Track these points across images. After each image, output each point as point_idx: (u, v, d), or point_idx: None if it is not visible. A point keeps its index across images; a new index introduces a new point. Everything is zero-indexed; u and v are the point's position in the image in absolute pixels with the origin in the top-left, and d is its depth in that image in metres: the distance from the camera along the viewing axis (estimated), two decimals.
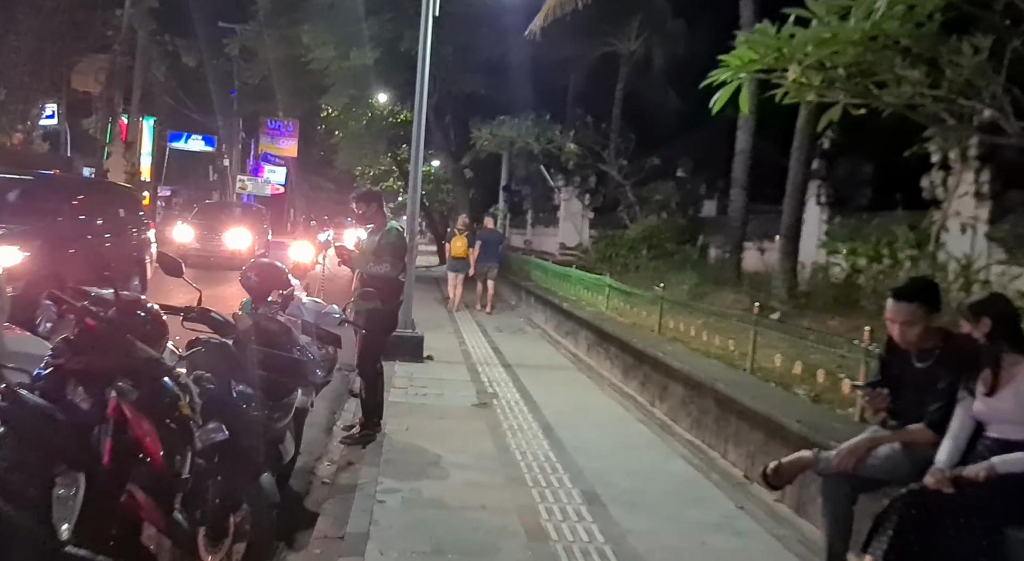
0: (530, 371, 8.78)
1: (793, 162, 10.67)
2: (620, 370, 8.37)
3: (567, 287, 13.06)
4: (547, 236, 21.69)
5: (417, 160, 9.03)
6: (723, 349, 6.73)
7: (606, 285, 10.60)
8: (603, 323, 9.23)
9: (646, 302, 8.99)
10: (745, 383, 5.54)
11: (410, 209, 8.92)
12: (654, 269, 15.32)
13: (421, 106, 9.06)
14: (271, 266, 4.82)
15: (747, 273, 13.56)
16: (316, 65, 18.31)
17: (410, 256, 8.84)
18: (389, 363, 8.55)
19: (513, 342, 11.13)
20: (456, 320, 13.37)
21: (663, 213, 17.74)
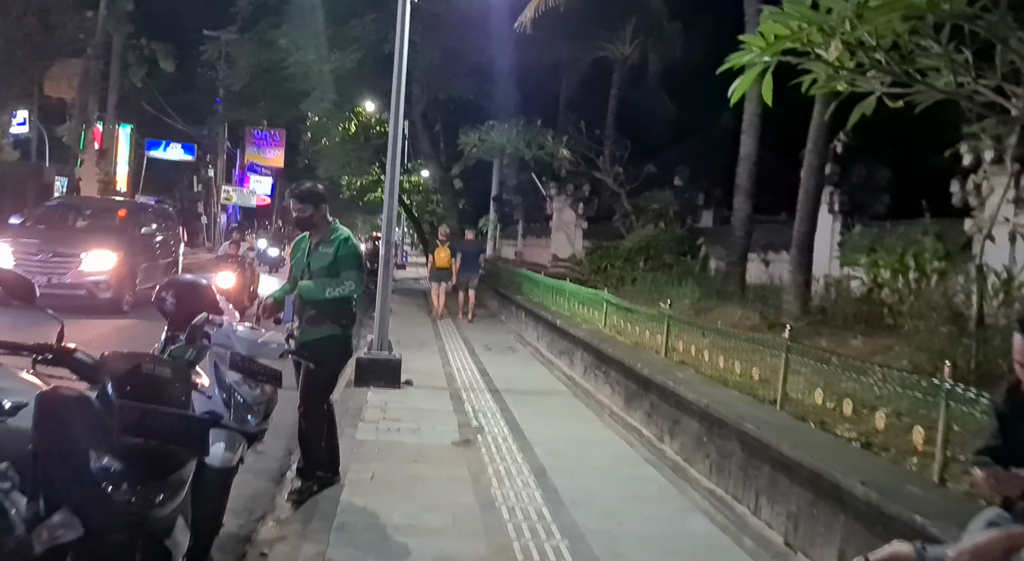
0: (520, 398, 7.84)
1: (806, 166, 9.82)
2: (622, 397, 7.45)
3: (561, 302, 12.16)
4: (539, 247, 20.81)
5: (394, 165, 8.13)
6: (745, 377, 5.82)
7: (604, 301, 9.69)
8: (601, 343, 8.31)
9: (649, 320, 8.08)
10: (777, 423, 4.62)
11: (386, 217, 8.01)
12: (652, 282, 14.48)
13: (398, 106, 8.17)
14: (194, 284, 3.89)
15: (751, 286, 12.71)
16: (295, 69, 17.41)
17: (385, 269, 7.93)
18: (362, 390, 7.64)
19: (502, 363, 10.20)
20: (441, 337, 12.44)
21: (660, 223, 16.90)
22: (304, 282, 4.63)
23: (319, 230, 4.71)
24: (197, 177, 39.42)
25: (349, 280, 4.58)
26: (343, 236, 4.71)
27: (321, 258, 4.62)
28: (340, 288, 4.55)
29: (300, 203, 4.70)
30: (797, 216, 10.00)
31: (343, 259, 4.62)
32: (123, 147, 24.48)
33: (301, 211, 4.69)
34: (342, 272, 4.59)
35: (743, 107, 12.50)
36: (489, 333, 13.48)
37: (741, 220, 12.25)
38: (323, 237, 4.68)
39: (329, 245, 4.64)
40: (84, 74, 22.81)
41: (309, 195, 4.74)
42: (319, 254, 4.64)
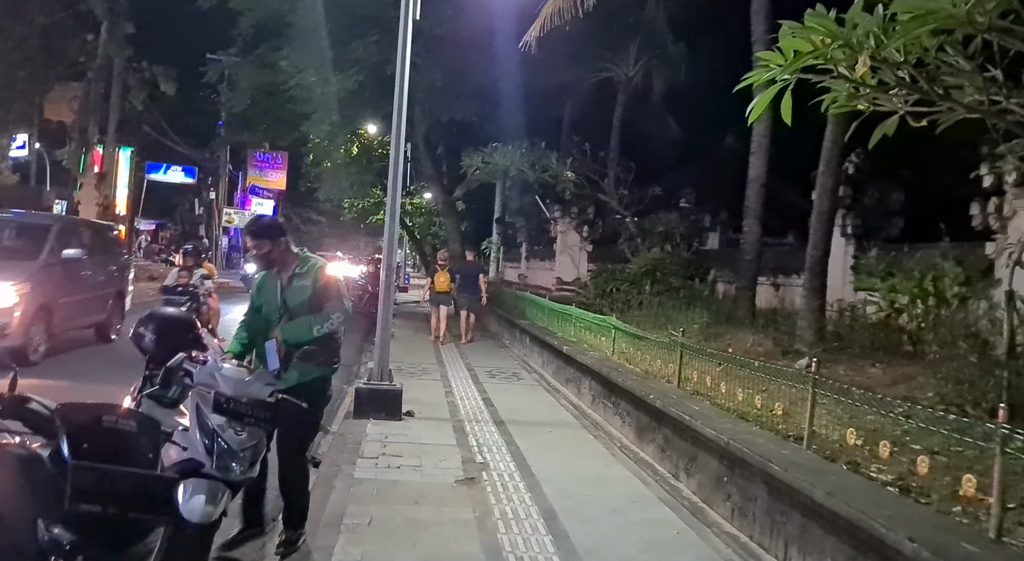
0: (527, 430, 7.51)
1: (819, 188, 9.55)
2: (633, 430, 7.12)
3: (567, 327, 11.84)
4: (543, 270, 20.53)
5: (396, 188, 7.86)
6: (765, 411, 5.49)
7: (611, 327, 9.38)
8: (610, 372, 7.99)
9: (660, 348, 7.76)
10: (806, 464, 4.29)
11: (387, 239, 7.72)
12: (659, 306, 14.20)
13: (400, 127, 7.91)
14: (176, 319, 3.61)
15: (762, 311, 12.40)
16: (296, 91, 17.26)
17: (386, 294, 7.64)
18: (361, 422, 7.32)
19: (507, 391, 9.87)
20: (444, 363, 12.12)
21: (666, 245, 16.63)
22: (287, 324, 4.16)
23: (286, 264, 4.27)
24: (199, 200, 39.31)
25: (336, 312, 4.21)
26: (318, 264, 4.32)
27: (299, 293, 4.21)
28: (328, 322, 4.17)
29: (256, 240, 4.22)
30: (810, 239, 9.71)
31: (324, 289, 4.23)
32: (123, 170, 24.32)
33: (258, 248, 4.22)
34: (326, 304, 4.20)
35: (751, 128, 12.31)
36: (493, 359, 13.16)
37: (751, 243, 11.97)
38: (294, 270, 4.25)
39: (305, 277, 4.24)
40: (84, 97, 22.72)
41: (266, 229, 4.27)
42: (295, 289, 4.22)
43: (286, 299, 4.24)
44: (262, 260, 4.30)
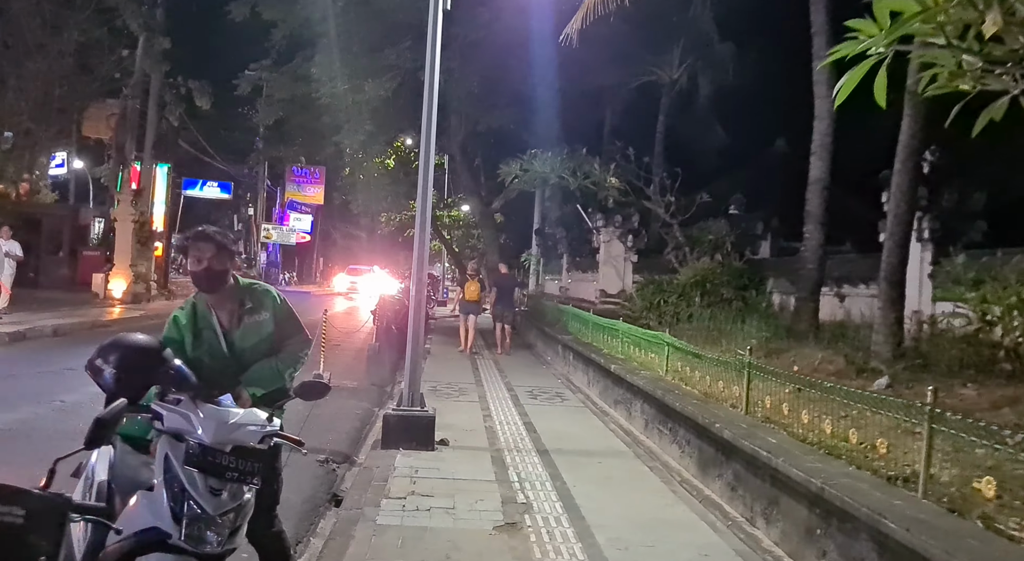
0: (574, 460, 6.72)
1: (894, 188, 8.62)
2: (695, 462, 6.28)
3: (613, 343, 11.03)
4: (585, 282, 19.72)
5: (425, 197, 7.17)
6: (860, 447, 4.63)
7: (665, 344, 8.55)
8: (665, 394, 7.15)
9: (723, 368, 6.90)
10: (931, 522, 3.43)
11: (417, 251, 7.02)
12: (710, 319, 13.33)
13: (430, 126, 7.23)
14: (144, 348, 2.92)
15: (825, 323, 11.44)
16: (328, 99, 16.81)
17: (416, 313, 6.94)
18: (390, 453, 6.60)
19: (550, 414, 9.08)
20: (482, 382, 11.39)
21: (716, 255, 15.71)
22: (251, 375, 3.23)
23: (226, 293, 3.29)
24: (237, 216, 39.35)
25: (303, 350, 3.44)
26: (272, 291, 3.44)
27: (254, 331, 3.29)
28: (299, 363, 3.40)
29: (216, 249, 3.20)
30: (885, 245, 8.77)
31: (286, 322, 3.39)
32: (160, 187, 24.17)
33: (215, 261, 3.19)
34: (288, 340, 3.38)
35: (810, 127, 11.41)
36: (534, 377, 12.40)
37: (813, 250, 11.04)
38: (242, 303, 3.31)
39: (259, 311, 3.32)
40: (121, 114, 22.61)
41: (218, 235, 3.27)
42: (248, 327, 3.29)
43: (234, 341, 3.28)
44: (203, 276, 3.20)
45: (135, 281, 21.38)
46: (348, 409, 9.24)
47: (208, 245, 3.21)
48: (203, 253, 3.20)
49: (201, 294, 3.32)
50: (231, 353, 3.27)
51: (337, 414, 8.87)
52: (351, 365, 13.01)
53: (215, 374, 3.17)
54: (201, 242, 3.22)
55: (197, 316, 3.28)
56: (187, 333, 3.25)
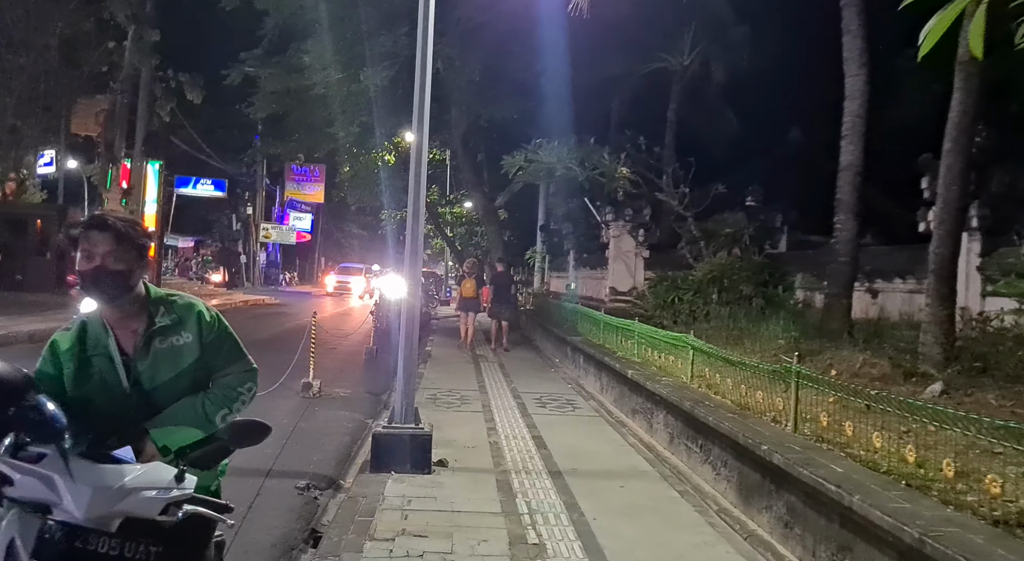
0: (592, 484, 5.84)
1: (944, 171, 7.72)
2: (734, 488, 5.39)
3: (627, 345, 10.15)
4: (593, 279, 18.82)
5: (419, 182, 6.30)
6: (964, 484, 3.74)
7: (689, 347, 7.65)
8: (695, 406, 6.26)
9: (762, 376, 6.00)
10: None
11: (409, 246, 6.14)
12: (729, 317, 12.49)
13: (424, 102, 6.37)
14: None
15: (857, 321, 10.56)
16: (321, 89, 15.92)
17: (409, 317, 6.07)
18: (379, 478, 5.73)
19: (561, 426, 8.20)
20: (486, 388, 10.51)
21: (734, 249, 14.81)
22: (164, 418, 2.27)
23: (131, 307, 2.33)
24: (236, 215, 38.52)
25: (244, 382, 2.45)
26: (198, 305, 2.45)
27: (171, 358, 2.34)
28: (237, 402, 2.40)
29: (114, 242, 2.24)
30: (934, 234, 7.88)
31: (220, 347, 2.43)
32: (151, 185, 23.34)
33: (112, 258, 2.24)
34: (223, 371, 2.43)
35: (840, 107, 10.52)
36: (542, 381, 11.52)
37: (845, 242, 10.14)
38: (150, 319, 2.34)
39: (179, 332, 2.37)
40: (110, 110, 21.79)
41: (133, 230, 2.31)
42: (165, 351, 2.34)
43: (140, 374, 2.32)
44: (92, 279, 2.23)
45: None
46: (338, 421, 8.39)
47: (104, 235, 2.24)
48: (96, 246, 2.24)
49: (95, 311, 2.37)
50: (135, 390, 2.31)
51: (325, 428, 8.02)
52: (345, 370, 12.15)
53: (110, 419, 2.23)
54: (94, 231, 2.26)
55: (87, 339, 2.34)
56: (68, 363, 2.31)
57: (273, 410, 8.58)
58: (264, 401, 8.85)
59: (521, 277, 31.63)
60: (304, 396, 9.51)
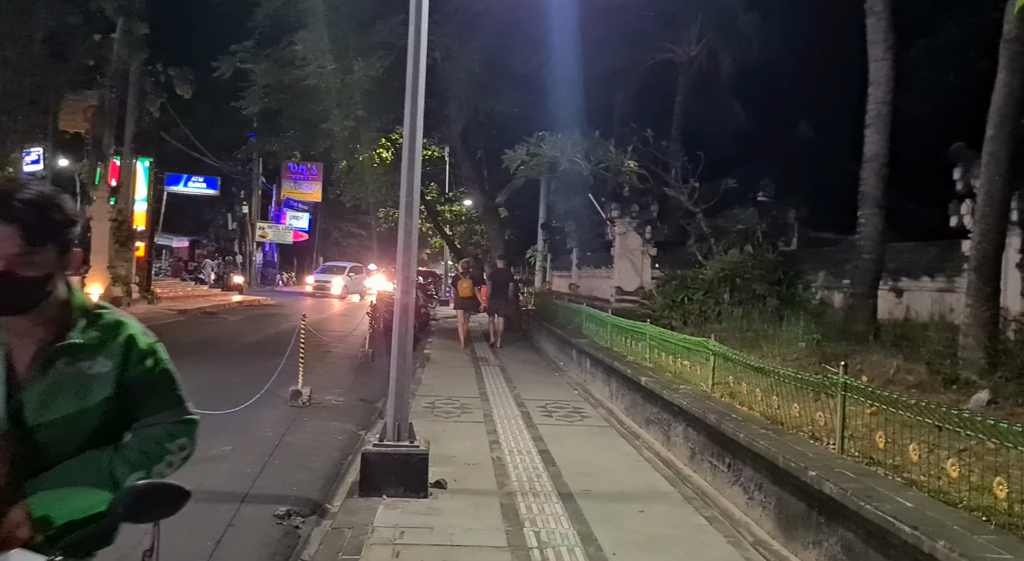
0: (608, 509, 5.21)
1: (987, 159, 7.08)
2: (772, 517, 4.75)
3: (638, 348, 9.52)
4: (598, 278, 18.19)
5: (412, 170, 5.66)
6: None
7: (710, 353, 7.01)
8: (722, 420, 5.61)
9: (798, 387, 5.35)
10: None
11: (401, 242, 5.49)
12: (743, 318, 11.87)
13: (418, 82, 5.73)
14: None
15: (881, 323, 9.91)
16: (314, 81, 15.26)
17: (402, 321, 5.44)
18: (369, 504, 5.09)
19: (570, 437, 7.56)
20: (488, 396, 9.87)
21: (747, 246, 14.17)
22: (59, 474, 1.64)
23: (39, 316, 1.67)
24: (231, 214, 37.86)
25: (174, 438, 1.78)
26: (129, 328, 1.78)
27: (74, 387, 1.69)
28: (161, 462, 1.74)
29: (22, 237, 1.57)
30: (976, 229, 7.25)
31: (148, 385, 1.78)
32: (141, 183, 22.67)
33: (33, 261, 1.59)
34: (148, 417, 1.78)
35: (863, 94, 9.89)
36: (546, 386, 10.89)
37: (870, 238, 9.50)
38: (58, 332, 1.70)
39: (95, 354, 1.72)
40: (99, 106, 21.13)
41: (49, 216, 1.63)
42: (67, 378, 1.69)
43: (24, 405, 1.65)
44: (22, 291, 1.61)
45: (113, 284, 19.93)
46: (328, 434, 7.75)
47: (8, 229, 1.57)
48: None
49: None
50: (12, 424, 1.64)
51: (313, 441, 7.38)
52: (339, 376, 11.52)
53: None
54: None
55: None
56: None
57: (257, 421, 7.95)
58: (249, 411, 8.22)
59: (522, 276, 31.03)
60: (292, 405, 8.88)
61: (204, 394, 9.59)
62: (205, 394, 9.41)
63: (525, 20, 15.89)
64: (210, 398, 8.98)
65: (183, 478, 1.71)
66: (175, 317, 19.41)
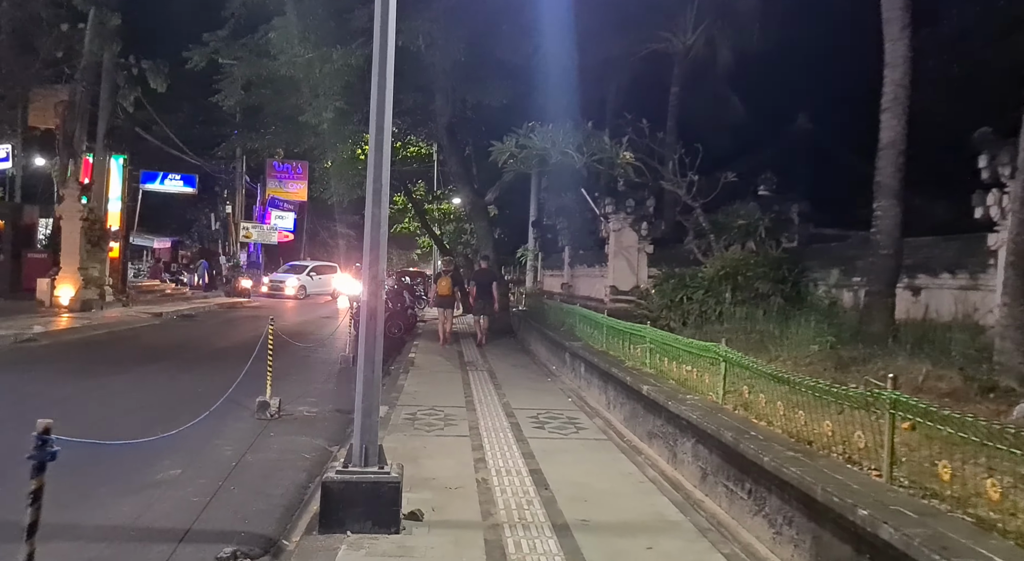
0: (610, 544, 4.45)
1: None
2: (805, 555, 4.00)
3: (637, 353, 8.78)
4: (591, 277, 17.44)
5: (381, 151, 4.89)
6: None
7: (721, 359, 6.26)
8: (739, 438, 4.87)
9: (833, 402, 4.60)
10: None
11: (368, 234, 4.71)
12: (746, 319, 11.17)
13: (385, 71, 4.97)
14: None
15: (899, 323, 9.19)
16: (290, 70, 14.45)
17: (370, 328, 4.67)
18: (331, 541, 4.32)
19: (564, 454, 6.79)
20: (475, 405, 9.10)
21: (748, 242, 13.44)
22: None
23: None
24: (215, 214, 36.91)
25: None
26: None
27: None
28: None
29: None
30: (1011, 220, 6.54)
31: None
32: (115, 181, 21.76)
33: None
34: None
35: (879, 78, 9.15)
36: (537, 394, 10.13)
37: (888, 231, 8.76)
38: None
39: None
40: (70, 100, 20.23)
41: None
42: None
43: None
44: None
45: (85, 286, 19.04)
46: (295, 451, 6.96)
47: None
48: None
49: None
50: None
51: (278, 462, 6.59)
52: (314, 383, 10.72)
53: None
54: None
55: None
56: None
57: (216, 438, 7.16)
58: (209, 426, 7.42)
59: (513, 276, 30.26)
60: (259, 417, 8.08)
61: (162, 407, 8.77)
62: (163, 406, 8.62)
63: (514, 6, 15.15)
64: (168, 411, 8.20)
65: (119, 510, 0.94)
66: (149, 320, 18.55)
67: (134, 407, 8.55)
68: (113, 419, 7.90)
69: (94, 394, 9.27)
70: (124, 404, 8.72)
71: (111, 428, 7.32)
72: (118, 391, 9.55)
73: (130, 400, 8.99)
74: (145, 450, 5.97)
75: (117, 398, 9.10)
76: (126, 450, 5.95)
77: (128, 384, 10.09)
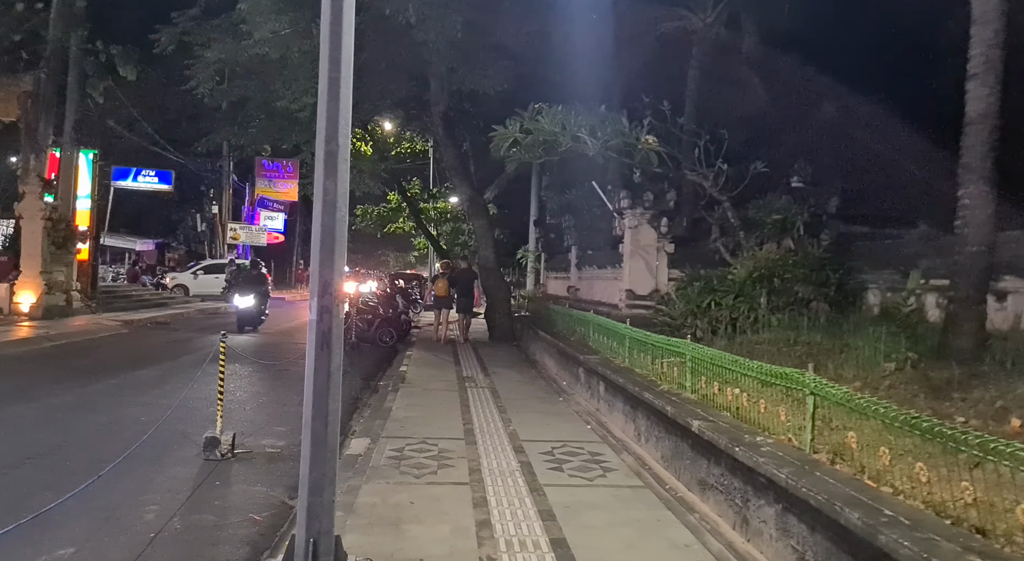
0: None
1: None
2: None
3: (672, 373, 7.21)
4: (603, 280, 15.86)
5: (336, 109, 3.28)
6: None
7: (809, 390, 4.68)
8: (874, 522, 3.28)
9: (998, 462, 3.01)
10: None
11: (320, 225, 3.13)
12: (788, 327, 9.68)
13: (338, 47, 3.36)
14: None
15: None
16: (261, 46, 12.85)
17: (320, 358, 3.04)
18: None
19: (594, 512, 5.19)
20: (475, 436, 7.51)
21: (784, 240, 11.90)
22: None
23: None
24: (201, 215, 35.31)
25: None
26: None
27: None
28: None
29: None
30: None
31: None
32: (84, 177, 20.17)
33: None
34: None
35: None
36: (549, 418, 8.54)
37: (978, 224, 7.17)
38: None
39: None
40: (34, 89, 18.62)
41: None
42: None
43: None
44: None
45: (49, 291, 17.43)
46: (242, 511, 5.35)
47: None
48: None
49: None
50: None
51: (216, 528, 4.98)
52: (287, 405, 9.06)
53: None
54: None
55: None
56: None
57: (144, 491, 5.55)
58: (141, 469, 5.82)
59: (512, 278, 28.72)
60: (207, 458, 6.47)
61: (88, 443, 6.82)
62: (90, 443, 6.78)
63: None
64: (94, 450, 6.60)
65: None
66: (117, 329, 16.92)
67: (50, 446, 6.85)
68: (13, 467, 6.17)
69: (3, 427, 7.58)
70: (39, 440, 7.02)
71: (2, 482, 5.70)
72: (40, 421, 7.86)
73: (50, 434, 7.32)
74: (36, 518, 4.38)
75: (36, 431, 7.43)
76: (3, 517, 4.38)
77: (59, 410, 8.43)
